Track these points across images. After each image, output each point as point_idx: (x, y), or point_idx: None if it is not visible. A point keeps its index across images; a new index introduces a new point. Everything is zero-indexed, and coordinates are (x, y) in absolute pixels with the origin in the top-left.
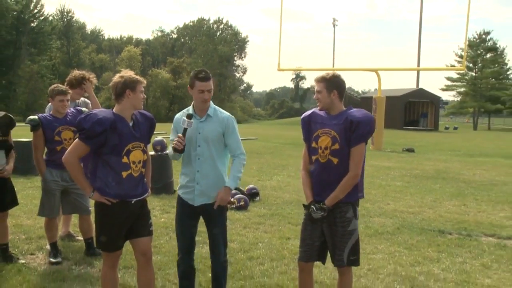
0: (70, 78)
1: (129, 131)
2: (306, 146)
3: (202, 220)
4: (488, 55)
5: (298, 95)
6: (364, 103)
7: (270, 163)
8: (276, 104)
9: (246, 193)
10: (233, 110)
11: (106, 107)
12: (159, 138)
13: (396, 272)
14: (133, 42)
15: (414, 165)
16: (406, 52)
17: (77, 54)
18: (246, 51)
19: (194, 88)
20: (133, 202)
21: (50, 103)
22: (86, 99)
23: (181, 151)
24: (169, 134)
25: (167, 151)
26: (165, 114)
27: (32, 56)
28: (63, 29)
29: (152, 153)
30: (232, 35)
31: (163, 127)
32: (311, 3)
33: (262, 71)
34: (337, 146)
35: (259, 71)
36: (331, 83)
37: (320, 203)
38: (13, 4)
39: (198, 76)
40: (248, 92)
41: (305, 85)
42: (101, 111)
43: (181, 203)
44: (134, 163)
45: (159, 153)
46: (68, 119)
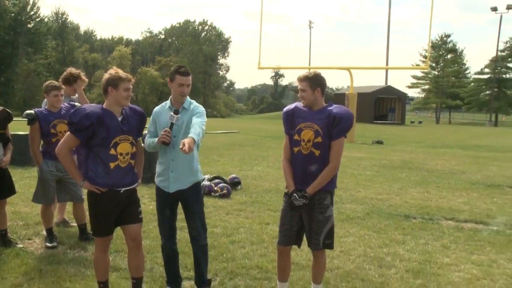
0: (66, 75)
1: (116, 124)
2: (288, 138)
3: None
4: (449, 56)
5: (277, 91)
6: (337, 99)
7: (251, 154)
8: (257, 100)
9: (228, 182)
10: (216, 105)
11: (98, 103)
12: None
13: (365, 253)
14: (123, 42)
15: (382, 156)
16: (375, 52)
17: (71, 53)
18: (229, 50)
19: (174, 82)
20: (121, 191)
21: (45, 98)
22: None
23: (168, 143)
24: None
25: (145, 142)
26: (154, 109)
27: (29, 55)
28: (58, 30)
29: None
30: (216, 36)
31: None
32: (289, 6)
33: (244, 69)
34: (319, 139)
35: (241, 69)
36: (314, 81)
37: (302, 192)
38: (10, 6)
39: (179, 71)
40: (231, 88)
41: (283, 82)
42: (90, 106)
43: (159, 192)
44: (121, 154)
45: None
46: (62, 113)
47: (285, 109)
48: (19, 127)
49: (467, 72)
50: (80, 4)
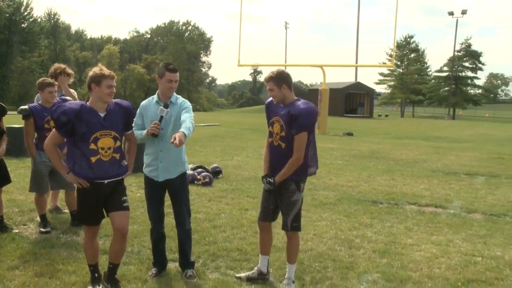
0: (51, 72)
1: (97, 120)
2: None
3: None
4: (412, 55)
5: (256, 87)
6: (311, 95)
7: (231, 145)
8: (237, 95)
9: (210, 171)
10: (199, 100)
11: (89, 98)
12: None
13: (337, 236)
14: (112, 41)
15: (352, 147)
16: (346, 51)
17: (63, 52)
18: (211, 49)
19: (163, 78)
20: (105, 183)
21: (38, 94)
22: (71, 90)
23: (157, 135)
24: None
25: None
26: (141, 103)
27: (23, 53)
28: (50, 30)
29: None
30: (199, 36)
31: None
32: (266, 8)
33: (225, 66)
34: (283, 133)
35: (222, 67)
36: (279, 79)
37: (270, 178)
38: (5, 7)
39: (168, 68)
40: (213, 84)
41: (261, 78)
42: (70, 103)
43: (147, 181)
44: (103, 149)
45: None
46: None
47: (266, 101)
48: (14, 120)
49: (428, 70)
50: (71, 5)
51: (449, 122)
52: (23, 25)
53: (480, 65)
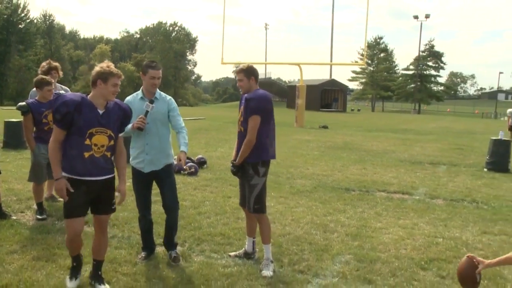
0: (48, 68)
1: (94, 116)
2: None
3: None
4: (381, 55)
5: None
6: (290, 91)
7: (215, 137)
8: (221, 91)
9: (196, 161)
10: (185, 96)
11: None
12: None
13: (313, 221)
14: (104, 41)
15: (327, 139)
16: (321, 51)
17: (57, 51)
18: (196, 48)
19: (147, 75)
20: (94, 181)
21: (35, 89)
22: (63, 86)
23: (142, 129)
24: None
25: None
26: (126, 98)
27: (20, 52)
28: (46, 30)
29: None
30: (185, 36)
31: None
32: (248, 11)
33: (209, 64)
34: (242, 118)
35: (207, 64)
36: (249, 72)
37: (232, 162)
38: (3, 9)
39: (151, 65)
40: (198, 81)
41: None
42: (70, 94)
43: (134, 172)
44: (96, 145)
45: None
46: (51, 104)
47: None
48: (12, 115)
49: (396, 68)
50: (65, 7)
51: (415, 116)
52: (20, 25)
53: (442, 64)
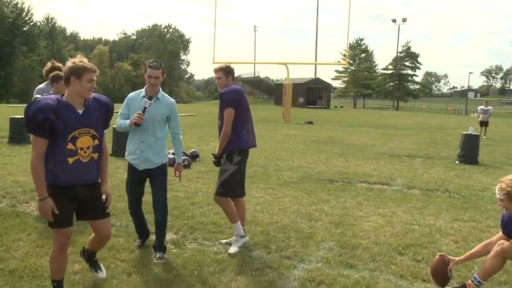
0: (50, 68)
1: (74, 117)
2: None
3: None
4: (362, 55)
5: None
6: (277, 89)
7: (207, 132)
8: (212, 89)
9: (189, 155)
10: (179, 93)
11: None
12: None
13: (299, 210)
14: (102, 42)
15: (312, 133)
16: (307, 51)
17: (59, 51)
18: (189, 49)
19: (146, 74)
20: (81, 187)
21: (40, 85)
22: None
23: (139, 125)
24: None
25: (117, 123)
26: (129, 94)
27: (24, 53)
28: (48, 32)
29: (115, 126)
30: (178, 37)
31: None
32: (238, 14)
33: (202, 63)
34: (219, 113)
35: (199, 64)
36: (227, 71)
37: (213, 154)
38: (9, 13)
39: (149, 64)
40: (191, 79)
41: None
42: (45, 98)
43: (129, 168)
44: (82, 149)
45: None
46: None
47: None
48: (16, 111)
49: (376, 68)
50: (66, 11)
51: (393, 112)
52: (24, 28)
53: (418, 64)
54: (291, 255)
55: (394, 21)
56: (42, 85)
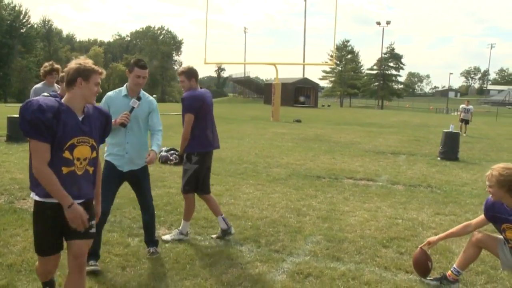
0: (49, 69)
1: (75, 123)
2: None
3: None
4: (348, 56)
5: (220, 81)
6: (267, 88)
7: None
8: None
9: None
10: (172, 93)
11: None
12: None
13: (287, 205)
14: (97, 44)
15: (301, 131)
16: (295, 52)
17: (56, 53)
18: (181, 50)
19: (132, 73)
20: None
21: (37, 85)
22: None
23: (125, 125)
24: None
25: None
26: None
27: (22, 54)
28: (45, 34)
29: None
30: (171, 38)
31: None
32: (229, 16)
33: (193, 64)
34: (181, 117)
35: (192, 64)
36: (189, 73)
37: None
38: (7, 15)
39: (138, 64)
40: None
41: (225, 74)
42: (43, 98)
43: (109, 165)
44: (78, 160)
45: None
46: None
47: None
48: (14, 110)
49: (361, 68)
50: (63, 13)
51: (378, 111)
52: (22, 30)
53: (401, 65)
54: (280, 249)
55: (378, 23)
56: (39, 84)
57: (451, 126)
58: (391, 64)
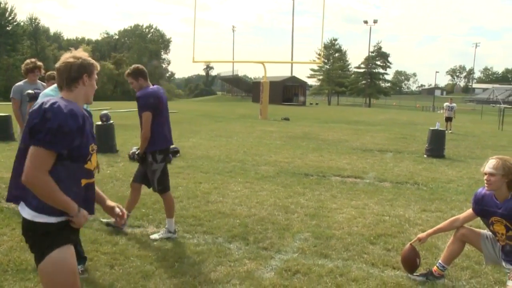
0: (32, 67)
1: (90, 128)
2: None
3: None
4: (336, 54)
5: (208, 80)
6: (255, 86)
7: (187, 129)
8: (192, 87)
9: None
10: None
11: None
12: (105, 111)
13: (275, 203)
14: (85, 42)
15: (289, 129)
16: (283, 50)
17: (43, 51)
18: (170, 48)
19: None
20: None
21: (19, 82)
22: (43, 83)
23: None
24: (113, 109)
25: None
26: (110, 95)
27: (8, 52)
28: (32, 32)
29: (99, 123)
30: (159, 37)
31: (108, 104)
32: (217, 15)
33: (182, 62)
34: (138, 115)
35: (180, 63)
36: (135, 74)
37: (135, 151)
38: None
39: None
40: (172, 78)
41: (213, 73)
42: (65, 100)
43: None
44: (95, 168)
45: (104, 123)
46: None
47: None
48: (1, 109)
49: (349, 67)
50: (50, 11)
51: (366, 109)
52: (8, 28)
53: (388, 63)
54: (268, 246)
55: (366, 22)
56: (21, 82)
57: (437, 124)
58: (378, 63)
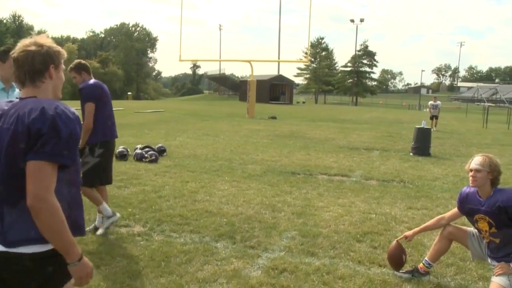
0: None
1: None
2: None
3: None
4: (323, 53)
5: (195, 78)
6: (242, 85)
7: (174, 128)
8: (179, 86)
9: (156, 150)
10: (147, 90)
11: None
12: None
13: (262, 201)
14: (71, 40)
15: (276, 128)
16: (270, 49)
17: None
18: (156, 47)
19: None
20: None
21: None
22: None
23: None
24: None
25: None
26: None
27: None
28: (15, 30)
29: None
30: (146, 35)
31: None
32: (204, 13)
33: (169, 61)
34: (81, 109)
35: (167, 61)
36: (78, 68)
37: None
38: None
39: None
40: (159, 77)
41: (200, 71)
42: (65, 106)
43: None
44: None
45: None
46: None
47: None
48: None
49: (336, 65)
50: (33, 8)
51: (353, 107)
52: None
53: (375, 62)
54: (255, 245)
55: (352, 21)
56: None
57: (423, 122)
58: (365, 61)
